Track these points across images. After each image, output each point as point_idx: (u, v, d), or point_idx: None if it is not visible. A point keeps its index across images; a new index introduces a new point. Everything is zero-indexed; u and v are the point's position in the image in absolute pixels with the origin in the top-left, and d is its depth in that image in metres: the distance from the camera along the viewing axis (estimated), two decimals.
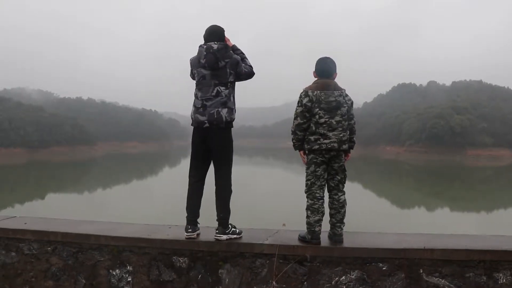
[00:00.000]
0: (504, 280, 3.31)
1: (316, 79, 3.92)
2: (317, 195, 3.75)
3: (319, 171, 3.79)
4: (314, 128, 3.77)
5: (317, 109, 3.75)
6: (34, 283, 4.07)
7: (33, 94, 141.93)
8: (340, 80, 3.88)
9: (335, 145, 3.75)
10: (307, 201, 3.77)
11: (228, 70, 3.87)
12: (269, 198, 25.02)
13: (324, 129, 3.74)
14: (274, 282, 3.52)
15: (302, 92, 3.83)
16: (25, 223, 4.34)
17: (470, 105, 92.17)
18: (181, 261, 3.76)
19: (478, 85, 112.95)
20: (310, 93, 3.78)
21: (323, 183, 3.82)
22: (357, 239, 3.78)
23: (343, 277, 3.48)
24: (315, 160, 3.78)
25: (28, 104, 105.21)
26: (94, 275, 3.92)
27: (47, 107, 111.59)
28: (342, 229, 3.77)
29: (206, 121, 3.82)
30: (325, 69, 3.90)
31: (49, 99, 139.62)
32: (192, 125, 3.94)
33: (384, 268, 3.44)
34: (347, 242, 3.68)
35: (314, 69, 3.94)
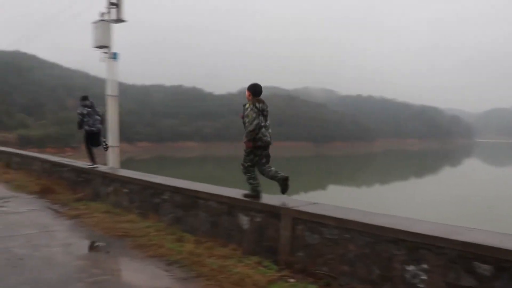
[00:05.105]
0: None
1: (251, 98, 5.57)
2: (254, 171, 5.66)
3: (255, 159, 5.58)
4: (262, 129, 5.48)
5: (261, 116, 5.46)
6: (333, 265, 4.41)
7: (317, 92, 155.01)
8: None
9: (270, 140, 5.59)
10: (249, 174, 5.60)
11: None
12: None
13: (266, 129, 5.52)
14: None
15: (249, 104, 5.44)
16: (325, 210, 4.75)
17: None
18: (483, 268, 3.44)
19: None
20: (257, 105, 5.44)
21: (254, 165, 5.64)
22: None
23: None
24: (256, 151, 5.54)
25: (313, 101, 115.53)
26: (388, 267, 3.96)
27: (330, 104, 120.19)
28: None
29: None
30: (259, 91, 5.61)
31: (331, 97, 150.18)
32: None
33: None
34: None
35: (248, 92, 5.61)
